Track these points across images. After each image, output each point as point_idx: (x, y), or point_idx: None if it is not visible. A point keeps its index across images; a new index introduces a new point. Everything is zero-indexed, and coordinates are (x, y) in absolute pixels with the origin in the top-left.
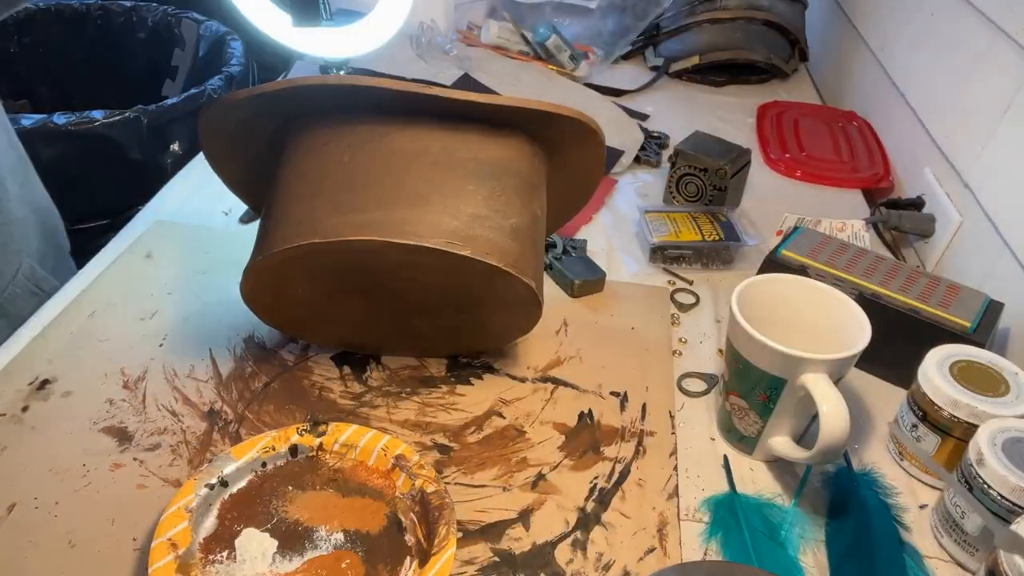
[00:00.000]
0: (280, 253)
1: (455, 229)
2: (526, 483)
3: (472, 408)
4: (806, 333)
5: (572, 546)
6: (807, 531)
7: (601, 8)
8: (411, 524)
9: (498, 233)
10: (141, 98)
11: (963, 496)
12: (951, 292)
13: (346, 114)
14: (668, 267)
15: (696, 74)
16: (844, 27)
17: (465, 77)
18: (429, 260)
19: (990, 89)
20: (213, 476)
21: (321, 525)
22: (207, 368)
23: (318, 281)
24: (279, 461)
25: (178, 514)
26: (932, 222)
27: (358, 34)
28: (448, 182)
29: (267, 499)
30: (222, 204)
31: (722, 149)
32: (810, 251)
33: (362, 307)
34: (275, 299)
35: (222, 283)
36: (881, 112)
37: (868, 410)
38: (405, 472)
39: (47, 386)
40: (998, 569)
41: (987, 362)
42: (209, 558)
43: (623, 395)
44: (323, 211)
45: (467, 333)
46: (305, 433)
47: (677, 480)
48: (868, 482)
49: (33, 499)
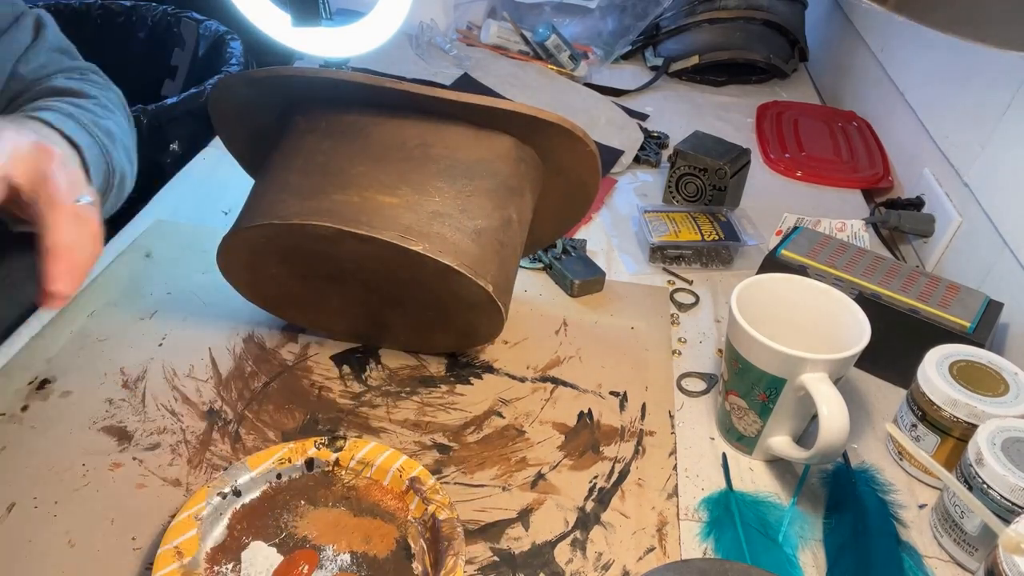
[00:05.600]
0: (243, 231)
1: (411, 224)
2: (525, 483)
3: (472, 408)
4: (806, 333)
5: (571, 546)
6: (806, 530)
7: (601, 8)
8: (420, 551)
9: (458, 233)
10: (141, 98)
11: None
12: (950, 292)
13: (335, 105)
14: (668, 267)
15: (696, 74)
16: (844, 27)
17: (465, 77)
18: (385, 252)
19: (990, 89)
20: (227, 485)
21: (329, 544)
22: (206, 368)
23: (289, 263)
24: (294, 474)
25: (187, 522)
26: (931, 222)
27: (358, 34)
28: (417, 177)
29: (278, 512)
30: (222, 204)
31: (722, 149)
32: (810, 251)
33: (336, 295)
34: (252, 276)
35: (222, 283)
36: (881, 112)
37: (868, 410)
38: (419, 496)
39: (47, 386)
40: (997, 569)
41: (986, 362)
42: (214, 569)
43: (623, 395)
44: (291, 195)
45: (438, 331)
46: (323, 447)
47: (676, 480)
48: (866, 479)
49: (32, 499)
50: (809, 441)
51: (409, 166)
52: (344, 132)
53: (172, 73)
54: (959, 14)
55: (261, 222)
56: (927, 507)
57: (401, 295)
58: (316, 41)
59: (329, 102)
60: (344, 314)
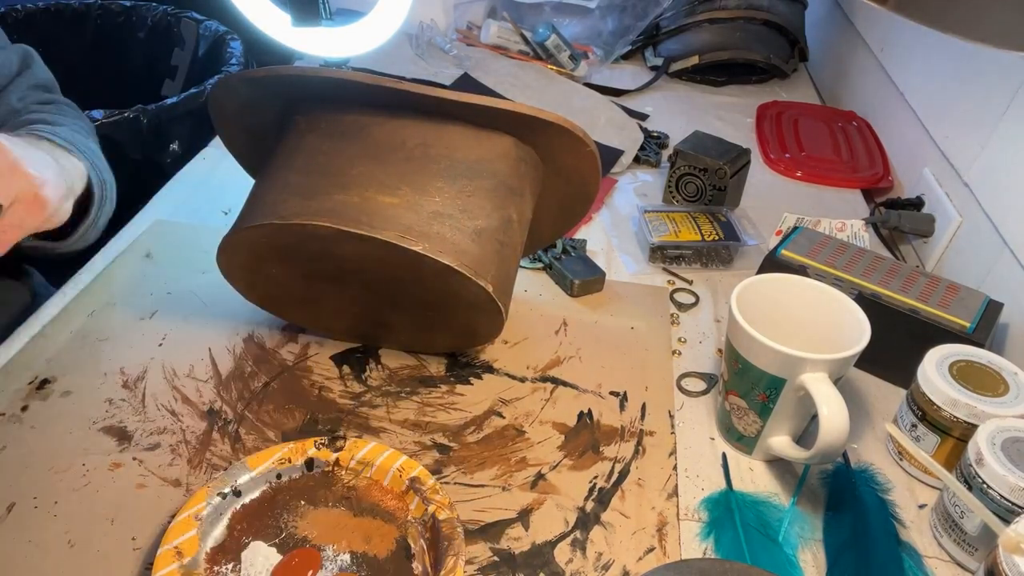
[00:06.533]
0: (243, 231)
1: (412, 224)
2: (525, 483)
3: (472, 408)
4: (806, 333)
5: (571, 546)
6: (806, 530)
7: (601, 8)
8: (420, 551)
9: (458, 233)
10: (141, 98)
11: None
12: (950, 292)
13: (335, 105)
14: (668, 267)
15: (696, 74)
16: (844, 27)
17: (464, 77)
18: (385, 253)
19: (990, 89)
20: (227, 485)
21: (329, 544)
22: (206, 368)
23: (290, 263)
24: (294, 474)
25: (187, 522)
26: (931, 222)
27: (358, 34)
28: (417, 177)
29: (278, 512)
30: (222, 204)
31: (722, 149)
32: (810, 251)
33: (336, 294)
34: (252, 276)
35: (222, 283)
36: (881, 112)
37: (868, 410)
38: (419, 496)
39: (47, 385)
40: (997, 569)
41: (986, 362)
42: (214, 569)
43: (623, 395)
44: (291, 195)
45: (438, 331)
46: (323, 447)
47: (676, 480)
48: (866, 479)
49: (32, 499)
50: (809, 441)
51: (409, 166)
52: (344, 132)
53: (172, 73)
54: (959, 14)
55: (261, 222)
56: (927, 507)
57: (401, 295)
58: (316, 41)
59: (329, 102)
60: (344, 314)
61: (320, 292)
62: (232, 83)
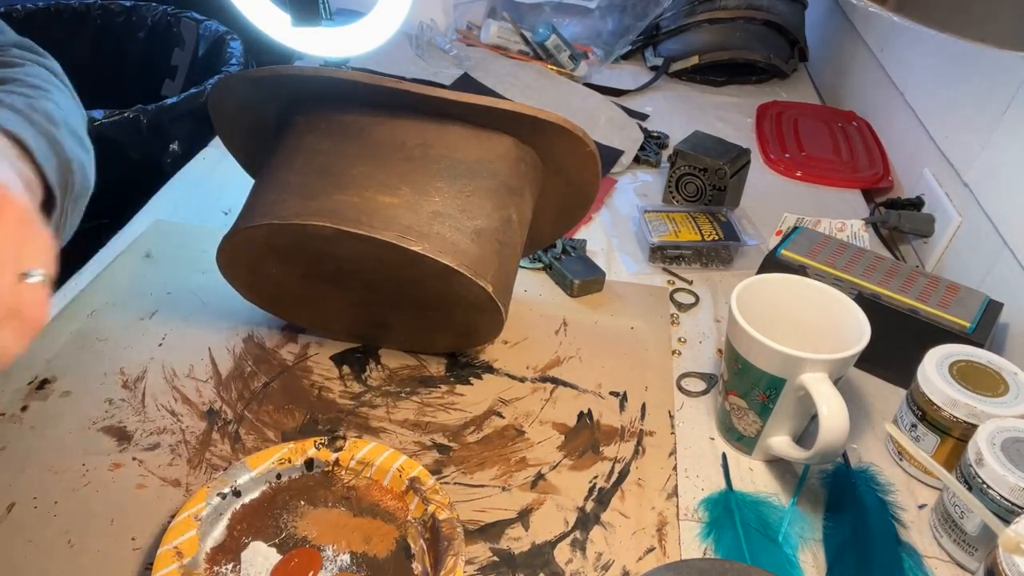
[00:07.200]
0: (243, 231)
1: (411, 224)
2: (525, 483)
3: (471, 408)
4: (806, 333)
5: (571, 546)
6: (805, 530)
7: (601, 8)
8: (420, 551)
9: (458, 233)
10: (140, 98)
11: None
12: (950, 292)
13: (335, 105)
14: (667, 267)
15: (696, 74)
16: (844, 27)
17: (464, 77)
18: (385, 253)
19: (990, 89)
20: (226, 485)
21: (329, 544)
22: (206, 368)
23: (290, 263)
24: (294, 474)
25: (187, 522)
26: (931, 222)
27: (358, 34)
28: (417, 177)
29: (278, 512)
30: (221, 204)
31: (722, 149)
32: (810, 251)
33: (336, 294)
34: (252, 276)
35: (222, 283)
36: (881, 112)
37: (868, 410)
38: (419, 496)
39: (46, 386)
40: (997, 569)
41: (986, 362)
42: (214, 569)
43: (622, 395)
44: (291, 195)
45: (438, 331)
46: (322, 447)
47: (676, 480)
48: (866, 479)
49: (32, 499)
50: (809, 441)
51: (409, 166)
52: (344, 132)
53: (172, 73)
54: (959, 14)
55: (261, 222)
56: (927, 507)
57: (401, 295)
58: (316, 41)
59: (329, 102)
60: (344, 314)
61: (320, 292)
62: (232, 83)
